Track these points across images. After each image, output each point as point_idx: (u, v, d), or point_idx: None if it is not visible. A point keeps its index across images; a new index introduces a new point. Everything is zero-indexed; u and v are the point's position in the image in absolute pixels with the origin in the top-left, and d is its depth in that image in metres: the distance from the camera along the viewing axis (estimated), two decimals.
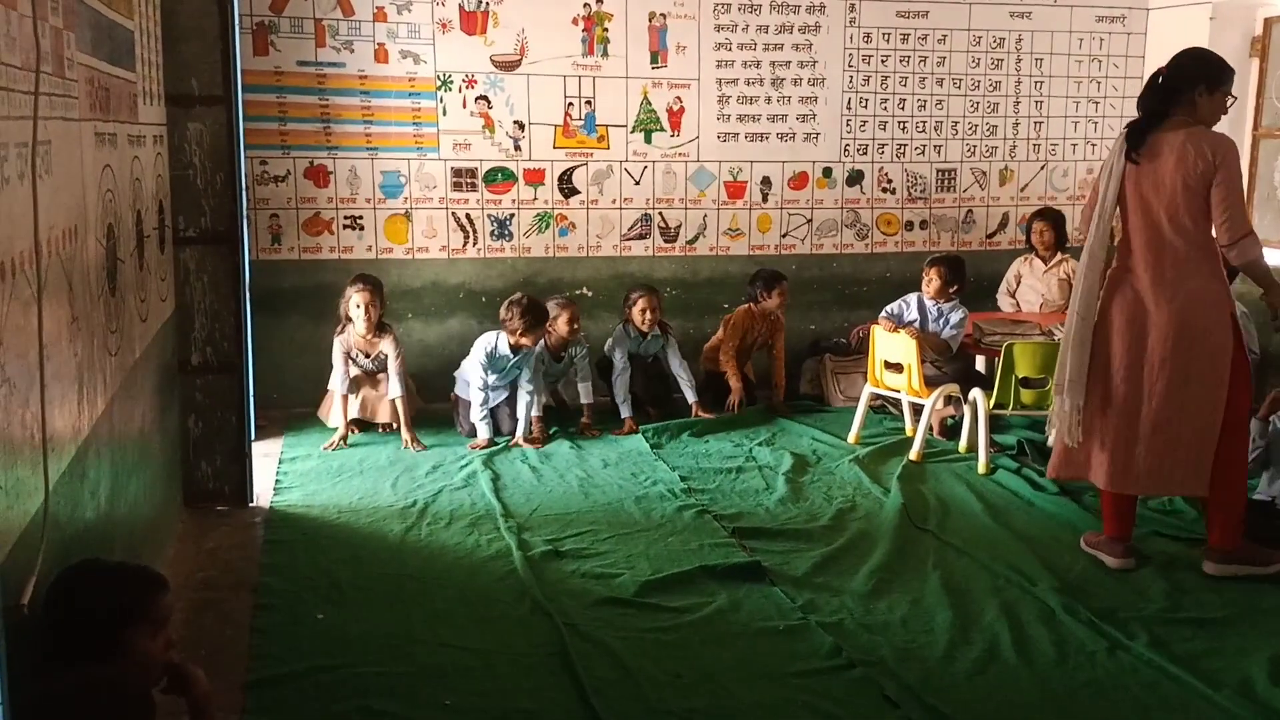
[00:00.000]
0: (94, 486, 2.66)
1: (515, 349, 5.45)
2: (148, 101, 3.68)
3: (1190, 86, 3.83)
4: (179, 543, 4.10)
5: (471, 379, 5.52)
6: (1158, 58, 6.75)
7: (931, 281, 5.57)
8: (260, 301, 5.71)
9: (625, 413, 5.75)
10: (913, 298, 5.66)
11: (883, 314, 5.62)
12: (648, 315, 5.81)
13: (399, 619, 3.50)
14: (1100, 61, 6.88)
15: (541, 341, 5.65)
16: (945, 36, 6.61)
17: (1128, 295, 3.91)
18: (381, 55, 5.89)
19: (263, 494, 4.68)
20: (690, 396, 5.85)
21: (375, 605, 3.61)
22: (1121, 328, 3.91)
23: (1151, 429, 3.85)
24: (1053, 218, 6.41)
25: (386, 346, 5.45)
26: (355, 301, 5.35)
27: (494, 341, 5.47)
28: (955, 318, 5.52)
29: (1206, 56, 3.95)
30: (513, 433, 5.48)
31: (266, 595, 3.66)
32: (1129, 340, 3.89)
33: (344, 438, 5.37)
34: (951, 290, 5.57)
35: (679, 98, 6.30)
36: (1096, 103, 6.93)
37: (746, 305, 6.13)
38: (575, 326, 5.66)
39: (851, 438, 5.54)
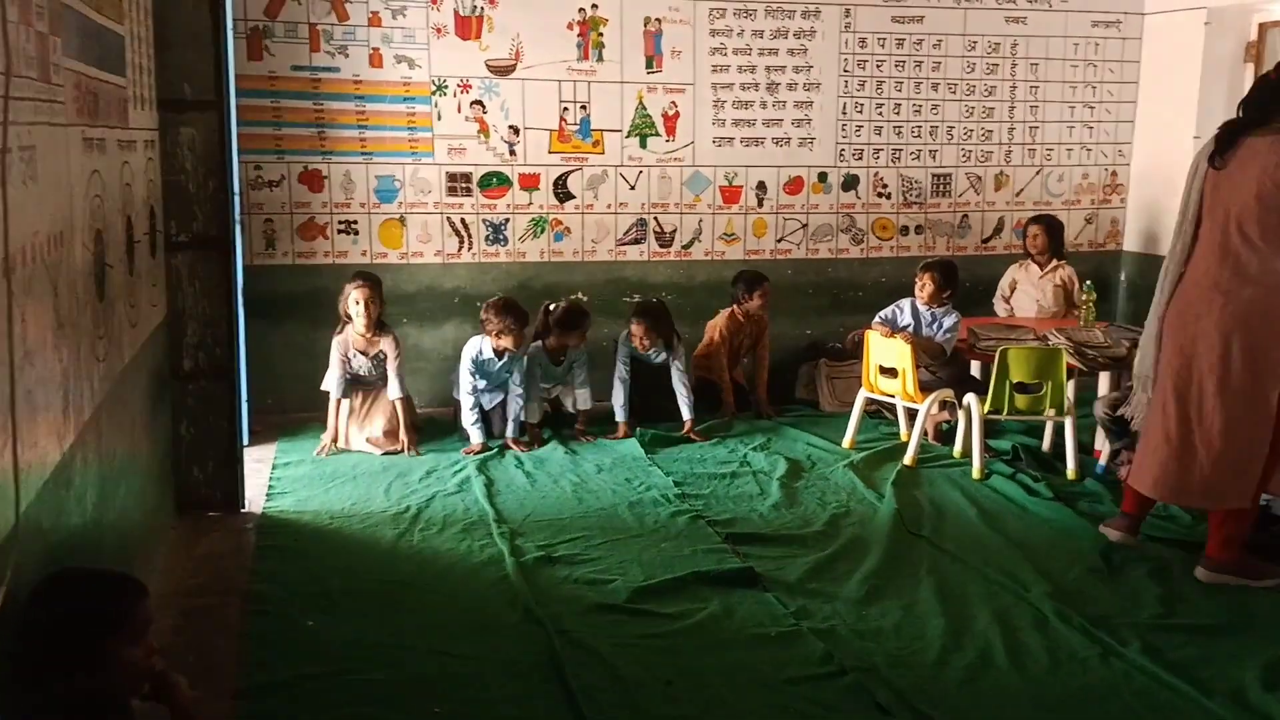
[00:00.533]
0: (80, 493, 2.65)
1: (500, 353, 5.45)
2: (139, 106, 3.67)
3: None
4: (170, 549, 4.09)
5: (461, 384, 5.52)
6: (1153, 63, 6.82)
7: (925, 286, 5.55)
8: (254, 307, 5.70)
9: (620, 416, 5.72)
10: (906, 303, 5.64)
11: (877, 319, 5.61)
12: (643, 341, 5.76)
13: (390, 626, 3.49)
14: (1096, 66, 6.87)
15: (540, 344, 5.65)
16: (940, 41, 6.61)
17: (1186, 299, 3.86)
18: (376, 60, 5.89)
19: (255, 500, 4.67)
20: (686, 414, 5.74)
21: (367, 612, 3.60)
22: (1175, 331, 3.88)
23: (1208, 443, 3.79)
24: (1047, 223, 6.40)
25: (386, 346, 5.42)
26: (354, 298, 5.33)
27: (479, 346, 5.48)
28: (948, 322, 5.51)
29: None
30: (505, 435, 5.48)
31: (258, 602, 3.65)
32: (1179, 345, 3.86)
33: (334, 440, 5.35)
34: (945, 295, 5.56)
35: (674, 102, 6.30)
36: (1092, 108, 6.92)
37: (730, 310, 6.12)
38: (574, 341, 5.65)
39: (846, 442, 5.53)
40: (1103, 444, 5.22)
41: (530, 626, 3.49)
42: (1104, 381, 5.33)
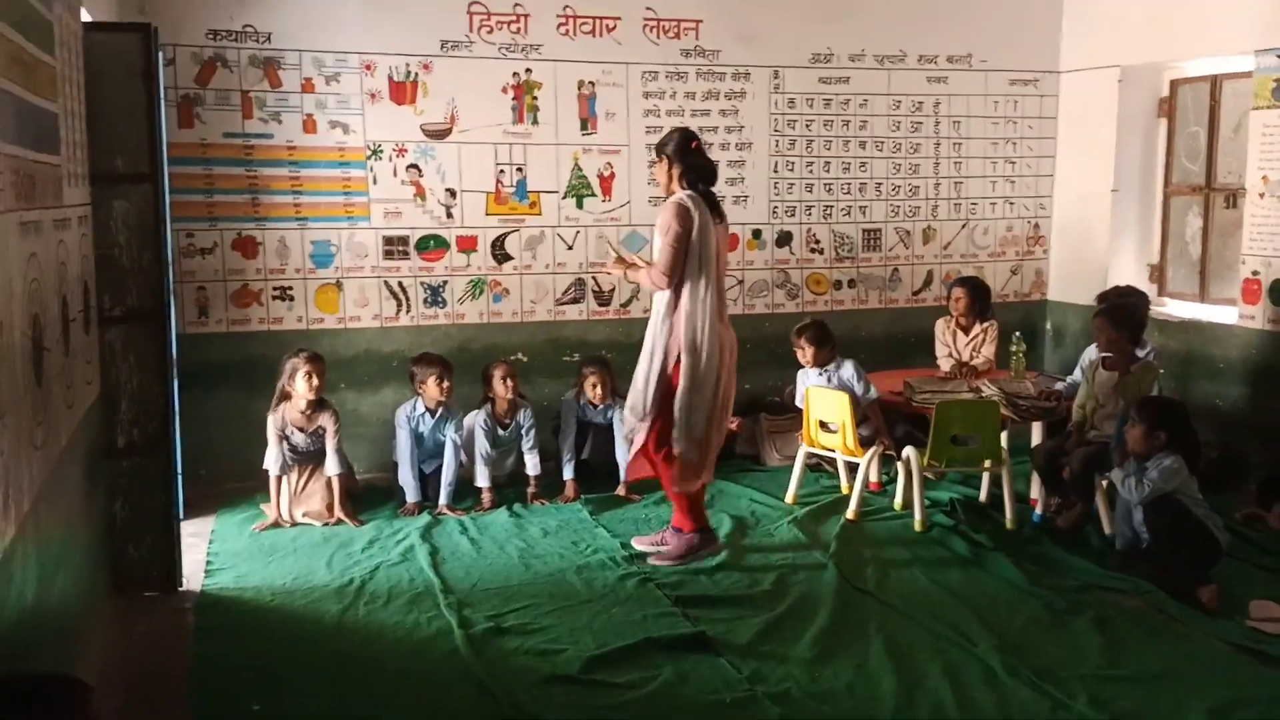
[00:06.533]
0: (20, 588, 2.57)
1: (433, 410, 5.51)
2: (72, 183, 3.61)
3: None
4: (107, 631, 3.96)
5: (398, 442, 5.59)
6: (1070, 119, 7.07)
7: (805, 350, 5.52)
8: (188, 376, 5.58)
9: (568, 474, 5.69)
10: (807, 374, 5.60)
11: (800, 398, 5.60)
12: (597, 390, 5.76)
13: (338, 705, 3.43)
14: (1015, 123, 7.10)
15: (487, 408, 5.62)
16: (866, 101, 6.78)
17: None
18: (310, 125, 5.87)
19: (192, 576, 4.55)
20: (624, 474, 5.56)
21: (313, 691, 3.52)
22: None
23: None
24: (972, 286, 6.16)
25: (325, 421, 5.33)
26: (303, 372, 5.24)
27: (411, 404, 5.59)
28: (846, 373, 5.48)
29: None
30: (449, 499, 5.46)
31: (200, 685, 3.55)
32: None
33: (277, 521, 5.23)
34: (830, 351, 5.56)
35: (609, 163, 6.36)
36: (1013, 163, 7.14)
37: None
38: (510, 383, 5.62)
39: (789, 498, 5.57)
40: (1038, 492, 5.33)
41: (484, 701, 3.45)
42: (1036, 430, 5.45)
